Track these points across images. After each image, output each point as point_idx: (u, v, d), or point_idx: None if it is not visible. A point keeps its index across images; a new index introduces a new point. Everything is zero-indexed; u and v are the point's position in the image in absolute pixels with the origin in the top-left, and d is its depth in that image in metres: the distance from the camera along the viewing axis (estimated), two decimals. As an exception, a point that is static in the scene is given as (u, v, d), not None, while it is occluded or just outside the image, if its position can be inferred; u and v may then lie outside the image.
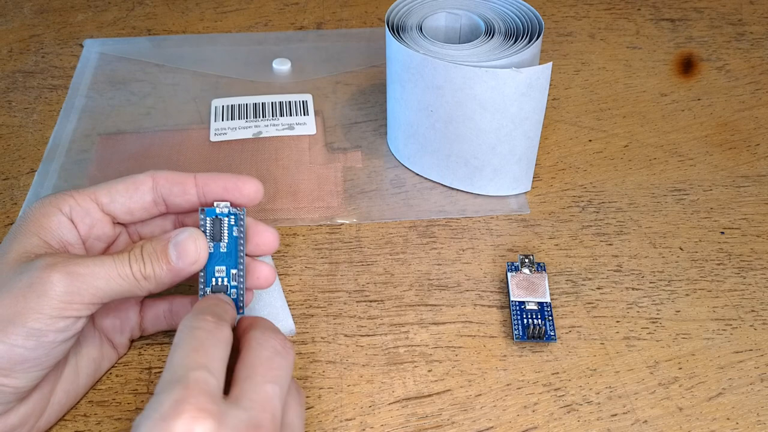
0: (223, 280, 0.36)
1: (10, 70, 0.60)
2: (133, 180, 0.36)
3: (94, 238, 0.36)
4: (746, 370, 0.39)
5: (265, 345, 0.32)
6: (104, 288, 0.32)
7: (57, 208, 0.35)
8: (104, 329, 0.38)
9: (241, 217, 0.36)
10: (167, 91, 0.58)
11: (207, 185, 0.36)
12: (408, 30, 0.47)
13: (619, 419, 0.37)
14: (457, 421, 0.37)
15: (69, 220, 0.35)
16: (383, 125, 0.54)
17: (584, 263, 0.44)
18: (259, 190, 0.37)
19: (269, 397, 0.30)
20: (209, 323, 0.31)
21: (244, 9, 0.68)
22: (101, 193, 0.36)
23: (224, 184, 0.36)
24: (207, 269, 0.35)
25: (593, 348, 0.40)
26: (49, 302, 0.31)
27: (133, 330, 0.39)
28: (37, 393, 0.34)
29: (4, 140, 0.53)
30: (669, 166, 0.51)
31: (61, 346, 0.32)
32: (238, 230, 0.36)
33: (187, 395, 0.27)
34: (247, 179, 0.36)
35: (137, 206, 0.36)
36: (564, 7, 0.68)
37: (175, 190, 0.36)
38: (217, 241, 0.36)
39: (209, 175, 0.36)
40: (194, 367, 0.29)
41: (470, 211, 0.48)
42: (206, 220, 0.36)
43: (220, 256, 0.36)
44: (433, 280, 0.44)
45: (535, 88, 0.43)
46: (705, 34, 0.65)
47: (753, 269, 0.44)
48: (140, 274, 0.33)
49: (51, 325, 0.31)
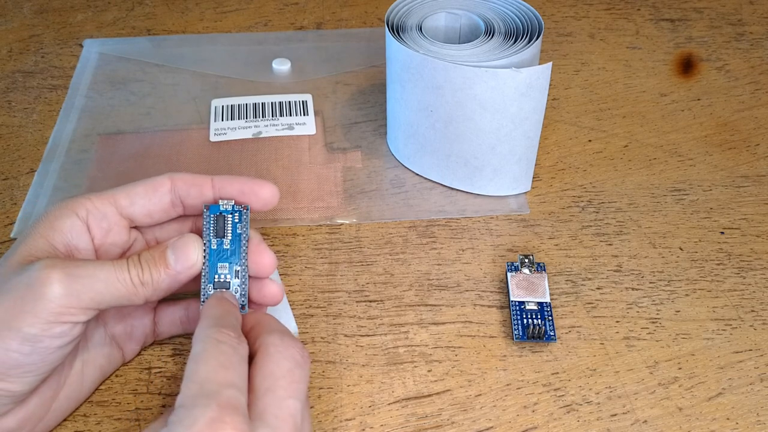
0: (226, 277, 0.35)
1: (10, 70, 0.60)
2: (152, 182, 0.36)
3: (110, 244, 0.36)
4: (746, 370, 0.39)
5: (286, 354, 0.31)
6: (103, 292, 0.32)
7: (73, 211, 0.34)
8: (116, 336, 0.37)
9: (245, 215, 0.36)
10: (167, 91, 0.58)
11: (223, 188, 0.36)
12: (408, 30, 0.47)
13: (619, 419, 0.37)
14: (456, 421, 0.37)
15: (84, 225, 0.34)
16: (383, 125, 0.54)
17: (584, 263, 0.44)
18: (275, 194, 0.37)
19: (292, 413, 0.30)
20: (233, 339, 0.31)
21: (244, 9, 0.68)
22: (120, 195, 0.35)
23: (240, 188, 0.36)
24: (210, 266, 0.35)
25: (593, 348, 0.40)
26: (45, 305, 0.31)
27: (146, 337, 0.39)
28: (37, 397, 0.33)
29: (4, 140, 0.53)
30: (669, 166, 0.51)
31: (57, 353, 0.32)
32: (242, 227, 0.36)
33: (223, 414, 0.27)
34: (263, 183, 0.36)
35: (156, 208, 0.36)
36: (564, 7, 0.68)
37: (193, 192, 0.36)
38: (221, 237, 0.36)
39: (226, 178, 0.36)
40: (226, 384, 0.28)
41: (470, 211, 0.48)
42: (210, 216, 0.36)
43: (223, 253, 0.36)
44: (433, 280, 0.44)
45: (534, 88, 0.43)
46: (705, 34, 0.65)
47: (753, 269, 0.44)
48: (138, 279, 0.33)
49: (47, 330, 0.31)
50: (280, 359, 0.31)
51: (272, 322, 0.34)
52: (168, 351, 0.40)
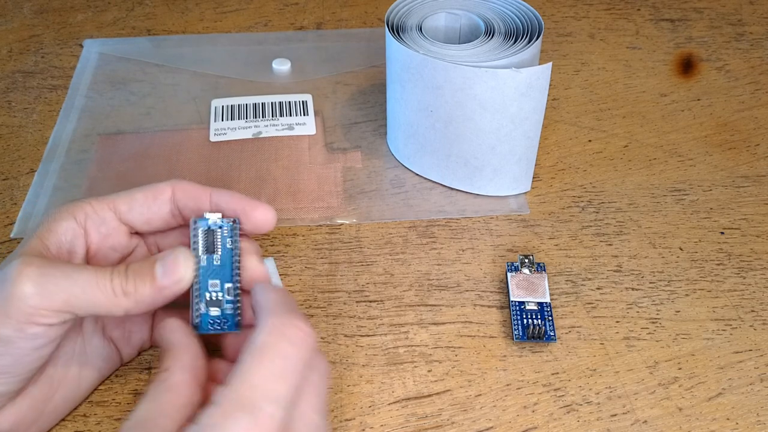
0: (218, 295, 0.34)
1: (10, 70, 0.60)
2: (153, 189, 0.35)
3: (108, 248, 0.35)
4: (746, 370, 0.39)
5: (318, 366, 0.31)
6: (79, 296, 0.31)
7: (71, 214, 0.34)
8: (114, 340, 0.37)
9: (235, 228, 0.35)
10: (167, 91, 0.58)
11: (218, 206, 0.35)
12: (408, 30, 0.47)
13: (619, 419, 0.37)
14: (456, 421, 0.37)
15: (80, 228, 0.34)
16: (383, 125, 0.54)
17: (584, 263, 0.44)
18: (269, 219, 0.35)
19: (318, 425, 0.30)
20: (299, 335, 0.30)
21: (243, 9, 0.68)
22: (120, 201, 0.35)
23: (235, 207, 0.35)
24: (201, 283, 0.34)
25: (593, 348, 0.40)
26: (16, 305, 0.30)
27: (144, 342, 0.38)
28: (29, 398, 0.33)
29: (4, 140, 0.53)
30: (669, 167, 0.51)
31: (33, 355, 0.31)
32: (232, 242, 0.35)
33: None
34: (258, 205, 0.35)
35: (155, 216, 0.35)
36: (564, 7, 0.68)
37: (191, 204, 0.35)
38: (211, 253, 0.34)
39: (224, 195, 0.35)
40: (272, 400, 0.28)
41: (470, 211, 0.48)
42: (198, 231, 0.35)
43: (213, 270, 0.34)
44: (433, 280, 0.44)
45: (534, 88, 0.43)
46: (705, 34, 0.65)
47: (753, 269, 0.44)
48: (120, 289, 0.31)
49: (19, 331, 0.30)
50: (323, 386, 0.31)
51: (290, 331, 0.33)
52: (168, 351, 0.40)
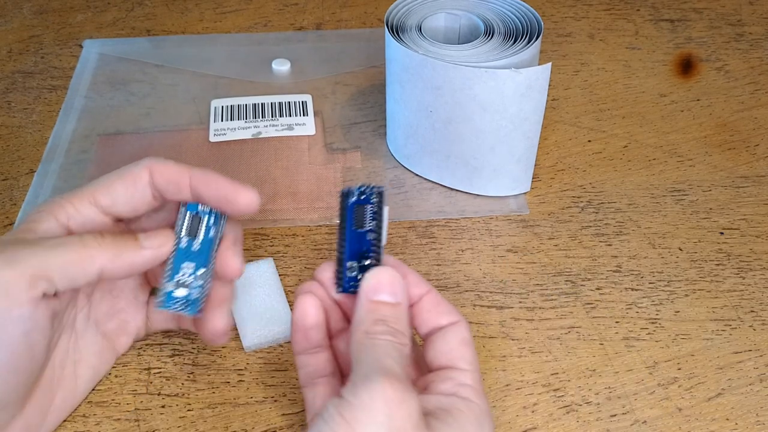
0: (188, 277, 0.34)
1: (10, 70, 0.60)
2: (131, 176, 0.35)
3: None
4: (745, 370, 0.39)
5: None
6: (48, 257, 0.31)
7: (52, 215, 0.33)
8: (108, 333, 0.37)
9: (221, 221, 0.35)
10: (167, 91, 0.58)
11: (199, 190, 0.34)
12: (407, 30, 0.47)
13: (619, 420, 0.37)
14: (456, 421, 0.37)
15: (63, 229, 0.33)
16: (383, 126, 0.54)
17: (583, 264, 0.44)
18: (252, 203, 0.34)
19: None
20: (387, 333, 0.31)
21: (243, 9, 0.68)
22: (100, 195, 0.34)
23: (217, 193, 0.34)
24: (174, 263, 0.34)
25: (592, 348, 0.40)
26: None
27: (139, 330, 0.38)
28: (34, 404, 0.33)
29: (4, 141, 0.53)
30: (668, 167, 0.51)
31: (26, 349, 0.30)
32: (215, 232, 0.35)
33: (394, 381, 0.28)
34: (239, 190, 0.34)
35: (139, 203, 0.35)
36: (563, 7, 0.68)
37: (171, 188, 0.35)
38: (192, 237, 0.35)
39: (203, 178, 0.34)
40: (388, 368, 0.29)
41: (469, 211, 0.48)
42: (185, 214, 0.35)
43: (191, 254, 0.35)
44: (433, 280, 0.43)
45: (534, 88, 0.43)
46: (704, 34, 0.65)
47: (752, 270, 0.44)
48: (94, 241, 0.32)
49: (4, 316, 0.29)
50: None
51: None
52: (167, 351, 0.40)
